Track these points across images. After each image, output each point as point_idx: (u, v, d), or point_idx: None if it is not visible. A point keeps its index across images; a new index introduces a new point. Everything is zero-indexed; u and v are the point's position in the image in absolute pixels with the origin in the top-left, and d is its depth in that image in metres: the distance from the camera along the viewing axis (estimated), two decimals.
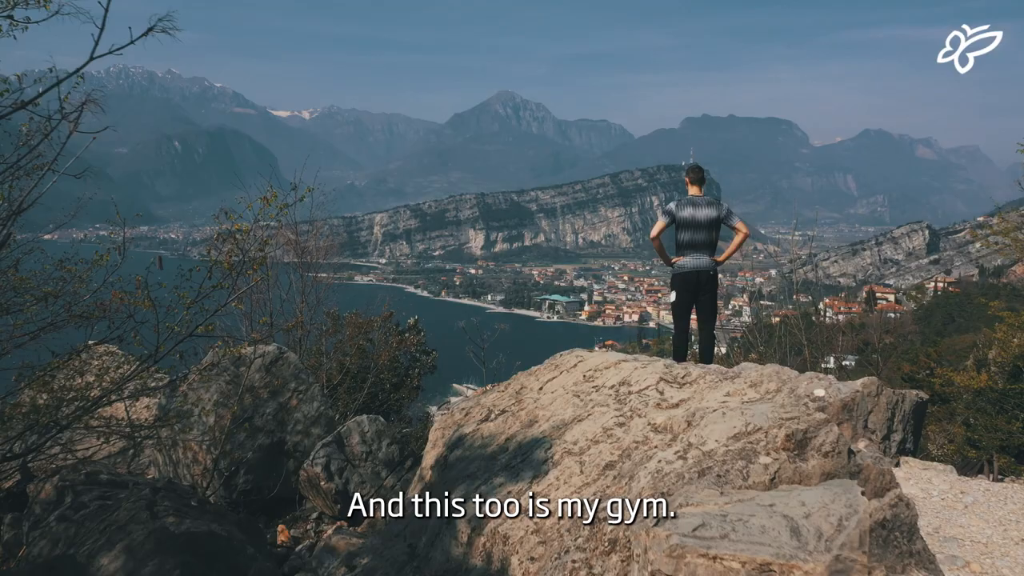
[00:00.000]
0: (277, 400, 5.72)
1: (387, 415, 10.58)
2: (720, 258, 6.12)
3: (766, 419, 3.14)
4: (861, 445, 3.18)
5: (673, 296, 6.04)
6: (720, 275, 6.71)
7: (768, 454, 2.97)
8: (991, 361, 16.70)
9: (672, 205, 5.86)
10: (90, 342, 4.58)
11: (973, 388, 10.95)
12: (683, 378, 4.04)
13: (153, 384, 5.09)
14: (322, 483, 5.38)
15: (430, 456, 4.46)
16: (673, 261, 5.96)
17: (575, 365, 4.90)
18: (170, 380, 5.41)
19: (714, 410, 3.38)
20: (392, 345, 11.43)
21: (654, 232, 5.86)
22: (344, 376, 10.01)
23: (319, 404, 5.99)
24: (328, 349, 10.43)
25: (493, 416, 4.48)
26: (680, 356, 6.04)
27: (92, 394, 4.35)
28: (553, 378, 4.83)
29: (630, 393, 4.04)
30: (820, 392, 3.29)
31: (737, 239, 6.09)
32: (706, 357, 6.03)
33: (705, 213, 5.85)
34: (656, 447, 3.28)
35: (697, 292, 5.93)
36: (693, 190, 6.04)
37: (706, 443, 3.14)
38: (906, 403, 7.27)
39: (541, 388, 4.75)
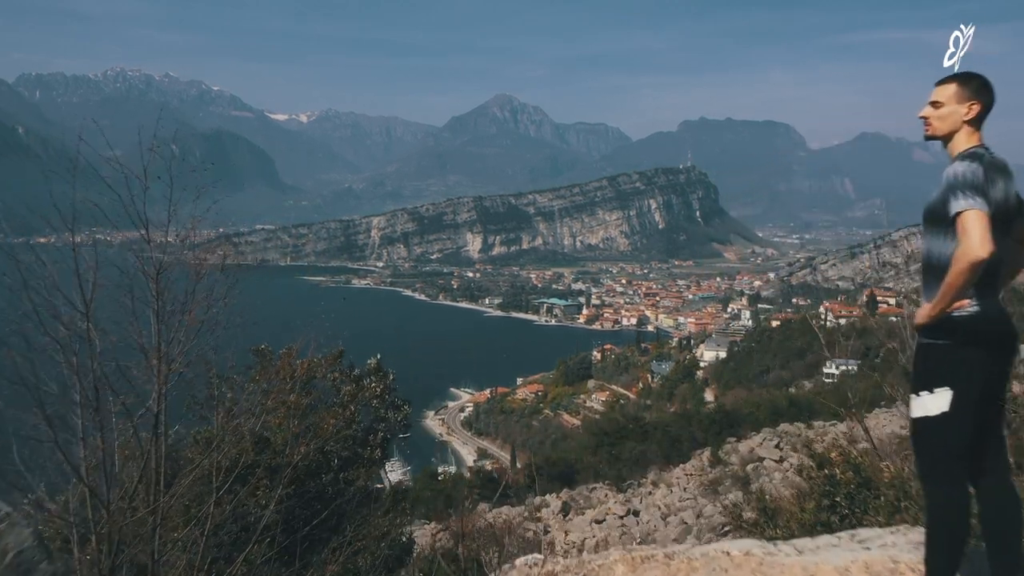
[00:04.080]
0: None
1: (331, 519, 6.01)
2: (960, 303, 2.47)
3: None
4: None
5: (946, 399, 2.47)
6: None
7: None
8: None
9: (976, 174, 2.43)
10: None
11: None
12: None
13: None
14: None
15: None
16: (956, 307, 2.48)
17: None
18: None
19: None
20: (344, 400, 7.37)
21: (989, 242, 2.32)
22: (261, 453, 5.70)
23: None
24: (254, 411, 5.30)
25: None
26: (959, 556, 2.51)
27: None
28: None
29: None
30: None
31: None
32: (1015, 540, 2.53)
33: (1015, 191, 2.60)
34: None
35: (1000, 382, 2.62)
36: (969, 138, 2.64)
37: None
38: None
39: None
